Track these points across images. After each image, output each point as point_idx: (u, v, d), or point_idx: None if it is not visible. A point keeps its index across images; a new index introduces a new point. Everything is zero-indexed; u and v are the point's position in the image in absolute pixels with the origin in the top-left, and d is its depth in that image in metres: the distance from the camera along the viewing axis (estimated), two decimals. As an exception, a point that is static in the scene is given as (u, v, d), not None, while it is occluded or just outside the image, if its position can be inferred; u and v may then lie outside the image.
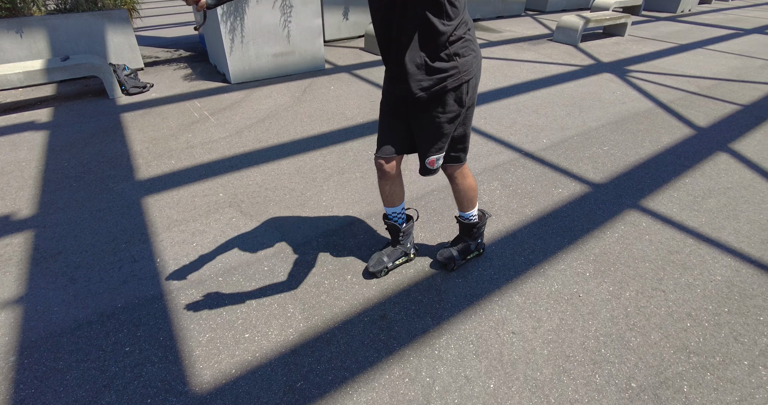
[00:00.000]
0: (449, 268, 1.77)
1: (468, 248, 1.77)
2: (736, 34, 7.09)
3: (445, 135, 1.35)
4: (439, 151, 1.39)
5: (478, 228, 1.73)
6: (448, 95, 1.27)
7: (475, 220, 1.71)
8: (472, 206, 1.66)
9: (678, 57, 5.41)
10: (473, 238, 1.76)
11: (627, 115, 3.48)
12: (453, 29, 1.17)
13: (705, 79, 4.53)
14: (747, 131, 3.23)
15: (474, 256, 1.83)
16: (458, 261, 1.75)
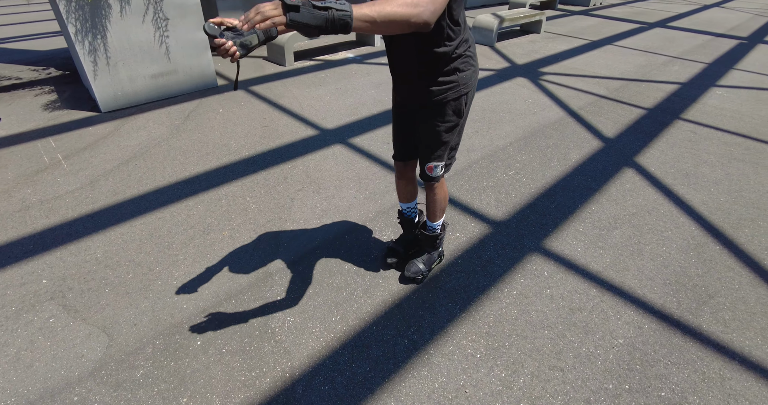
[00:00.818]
0: (418, 281, 1.82)
1: (432, 258, 1.85)
2: (641, 29, 7.32)
3: (445, 143, 1.44)
4: (439, 159, 1.47)
5: (440, 239, 1.81)
6: (447, 106, 1.35)
7: (438, 232, 1.77)
8: (440, 216, 1.73)
9: (590, 55, 5.41)
10: (436, 248, 1.83)
11: (537, 127, 3.32)
12: (455, 48, 1.25)
13: (614, 79, 4.52)
14: (651, 140, 3.17)
15: (437, 264, 1.90)
16: (425, 273, 1.82)
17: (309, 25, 0.81)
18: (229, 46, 0.81)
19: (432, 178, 1.52)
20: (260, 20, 0.80)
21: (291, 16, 0.80)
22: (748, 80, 4.68)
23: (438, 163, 1.47)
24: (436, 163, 1.47)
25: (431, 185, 1.58)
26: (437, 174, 1.50)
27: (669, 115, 3.65)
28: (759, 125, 3.53)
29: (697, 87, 4.39)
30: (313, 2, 0.82)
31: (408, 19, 0.89)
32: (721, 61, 5.41)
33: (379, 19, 0.86)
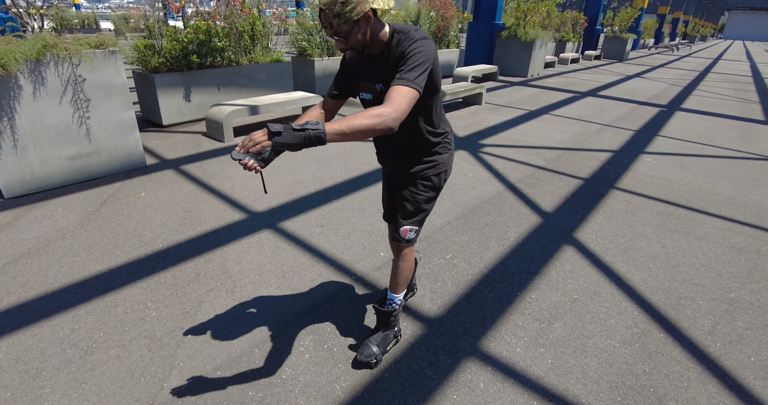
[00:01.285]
0: (372, 366, 1.71)
1: (387, 339, 1.77)
2: (575, 98, 7.90)
3: (423, 211, 1.59)
4: (414, 224, 1.59)
5: (395, 316, 1.76)
6: (427, 180, 1.54)
7: (394, 307, 1.74)
8: (402, 289, 1.73)
9: (528, 125, 5.67)
10: (391, 327, 1.78)
11: (476, 203, 3.26)
12: (435, 137, 1.49)
13: (551, 149, 4.68)
14: (589, 213, 3.17)
15: (393, 345, 1.82)
16: (379, 356, 1.72)
17: (291, 144, 1.02)
18: (252, 165, 1.06)
19: (406, 240, 1.61)
20: (252, 146, 1.02)
21: (275, 139, 1.01)
22: (671, 146, 4.99)
23: (413, 227, 1.59)
24: (411, 227, 1.59)
25: (401, 251, 1.64)
26: (411, 237, 1.61)
27: (604, 184, 3.73)
28: (686, 192, 3.65)
29: (628, 154, 4.60)
30: (293, 126, 1.02)
31: (373, 128, 1.07)
32: (647, 128, 5.80)
33: (348, 131, 1.05)
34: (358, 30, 1.22)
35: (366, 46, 1.29)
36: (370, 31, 1.26)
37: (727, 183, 3.91)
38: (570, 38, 16.03)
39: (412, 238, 1.61)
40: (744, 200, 3.54)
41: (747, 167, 4.40)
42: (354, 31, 1.22)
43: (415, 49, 1.21)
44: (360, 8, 1.17)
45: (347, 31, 1.22)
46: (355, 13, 1.18)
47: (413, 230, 1.59)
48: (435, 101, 1.42)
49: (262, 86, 5.92)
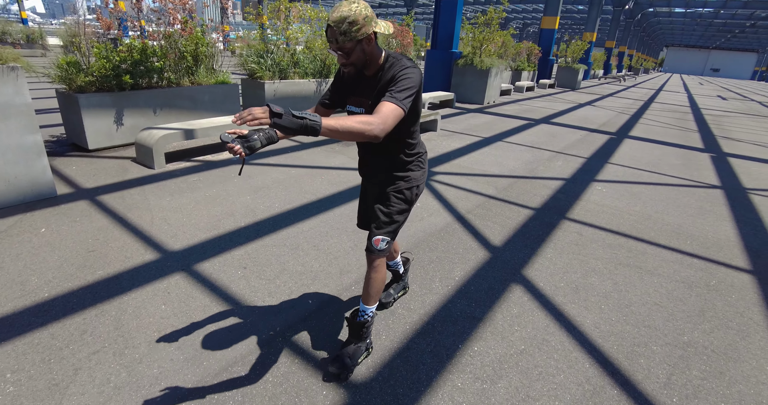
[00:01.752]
0: (343, 378, 1.70)
1: (359, 351, 1.77)
2: (529, 125, 8.03)
3: (396, 222, 1.67)
4: (387, 234, 1.65)
5: (367, 328, 1.77)
6: (400, 193, 1.66)
7: (366, 319, 1.76)
8: (374, 302, 1.76)
9: (481, 152, 5.61)
10: (363, 339, 1.78)
11: (422, 237, 3.04)
12: (410, 157, 1.64)
13: (503, 177, 4.59)
14: (539, 246, 3.02)
15: (365, 358, 1.81)
16: (351, 368, 1.71)
17: (287, 128, 1.09)
18: (237, 149, 1.13)
19: (378, 250, 1.65)
20: (251, 119, 1.05)
21: (275, 120, 1.07)
22: (621, 174, 5.03)
23: (385, 237, 1.65)
24: (384, 238, 1.65)
25: (373, 261, 1.68)
26: (382, 247, 1.65)
27: (556, 214, 3.62)
28: (636, 221, 3.59)
29: (580, 182, 4.57)
30: (292, 112, 1.09)
31: (362, 132, 1.19)
32: (598, 156, 5.88)
33: (341, 129, 1.16)
34: (360, 49, 1.37)
35: (364, 65, 1.43)
36: (370, 51, 1.41)
37: (674, 211, 3.91)
38: (525, 67, 16.71)
39: (383, 249, 1.65)
40: (690, 230, 3.51)
41: (691, 195, 4.46)
42: (356, 50, 1.37)
43: (406, 74, 1.37)
44: (364, 30, 1.33)
45: (350, 49, 1.35)
46: (359, 34, 1.33)
47: (385, 241, 1.65)
48: (414, 124, 1.58)
49: (206, 109, 5.59)
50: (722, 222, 3.75)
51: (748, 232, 3.56)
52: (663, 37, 69.92)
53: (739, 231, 3.58)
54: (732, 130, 9.70)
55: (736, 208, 4.14)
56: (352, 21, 1.30)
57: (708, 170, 5.62)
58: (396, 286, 2.25)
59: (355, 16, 1.30)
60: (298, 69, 7.03)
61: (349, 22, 1.30)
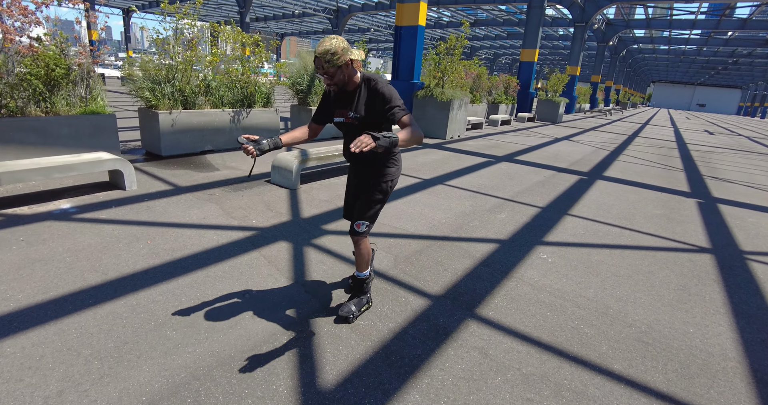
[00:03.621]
0: (350, 321, 2.17)
1: (362, 302, 2.26)
2: (488, 163, 6.94)
3: (374, 210, 2.09)
4: (366, 219, 2.08)
5: (367, 283, 2.28)
6: (379, 185, 2.05)
7: (365, 277, 2.26)
8: (365, 268, 2.24)
9: (409, 200, 4.45)
10: (364, 293, 2.28)
11: (226, 356, 1.80)
12: (387, 155, 2.02)
13: (417, 239, 3.40)
14: (403, 384, 1.77)
15: (366, 309, 2.28)
16: (356, 313, 2.20)
17: (384, 146, 1.57)
18: (250, 149, 1.73)
19: (358, 233, 2.10)
20: (364, 146, 1.51)
21: (378, 142, 1.55)
22: (581, 232, 3.85)
23: (364, 222, 2.08)
24: (363, 222, 2.08)
25: (358, 241, 2.14)
26: (362, 230, 2.10)
27: (460, 308, 2.40)
28: (584, 320, 2.37)
29: (519, 246, 3.38)
30: (384, 134, 1.58)
31: (419, 139, 1.81)
32: (557, 204, 4.73)
33: (407, 140, 1.75)
34: (340, 72, 1.83)
35: (345, 83, 1.90)
36: (348, 74, 1.86)
37: (645, 298, 2.70)
38: (503, 100, 15.97)
39: (363, 231, 2.10)
40: (666, 336, 2.30)
41: (671, 265, 3.27)
42: (338, 73, 1.83)
43: (391, 90, 1.89)
44: (343, 58, 1.79)
45: (333, 73, 1.82)
46: (339, 61, 1.79)
47: (365, 224, 2.09)
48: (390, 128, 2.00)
49: (65, 144, 4.46)
50: (714, 318, 2.54)
51: (753, 339, 2.34)
52: (649, 72, 71.36)
53: (740, 336, 2.36)
54: (721, 168, 8.67)
55: (732, 290, 2.94)
56: (333, 52, 1.76)
57: (694, 223, 4.47)
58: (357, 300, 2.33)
59: (334, 48, 1.77)
60: (211, 97, 5.99)
61: (331, 53, 1.76)
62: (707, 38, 31.10)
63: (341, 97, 1.98)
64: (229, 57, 6.25)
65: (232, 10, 32.05)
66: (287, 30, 46.23)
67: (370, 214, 2.08)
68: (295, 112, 7.93)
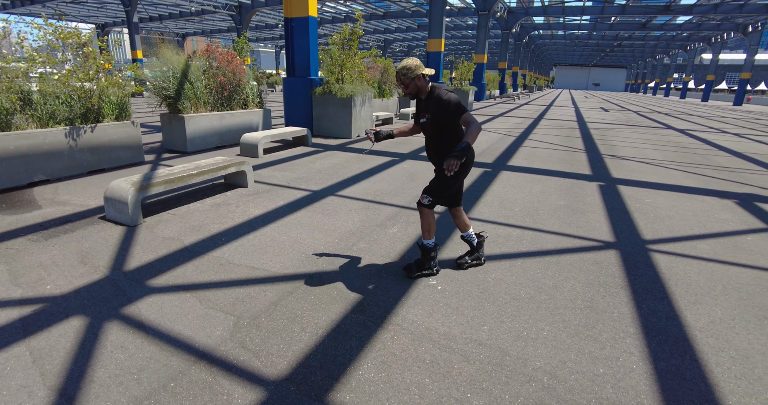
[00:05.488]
0: (411, 275, 2.68)
1: (423, 265, 2.68)
2: (392, 163, 6.38)
3: (439, 188, 2.56)
4: (431, 194, 2.56)
5: (429, 251, 2.66)
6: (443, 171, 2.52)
7: (430, 247, 2.65)
8: (428, 236, 2.63)
9: (289, 221, 3.69)
10: (427, 260, 2.67)
11: None
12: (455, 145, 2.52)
13: (283, 281, 2.66)
14: None
15: (426, 274, 2.70)
16: (415, 270, 2.67)
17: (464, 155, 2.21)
18: (371, 137, 2.68)
19: (421, 204, 2.57)
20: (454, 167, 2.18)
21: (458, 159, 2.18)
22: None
23: (428, 195, 2.55)
24: (426, 196, 2.55)
25: (422, 211, 2.59)
26: (425, 202, 2.55)
27: (306, 399, 1.72)
28: (476, 379, 1.80)
29: (403, 281, 2.79)
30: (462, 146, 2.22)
31: (480, 128, 2.32)
32: (458, 207, 4.24)
33: (473, 136, 2.28)
34: (413, 84, 2.43)
35: (417, 92, 2.48)
36: (420, 85, 2.45)
37: (548, 329, 2.22)
38: (413, 92, 15.67)
39: (425, 203, 2.56)
40: (572, 389, 1.81)
41: (576, 273, 2.88)
42: (411, 84, 2.43)
43: (450, 96, 2.40)
44: (415, 73, 2.38)
45: (408, 83, 2.42)
46: (412, 75, 2.39)
47: (428, 198, 2.55)
48: (457, 126, 2.49)
49: None
50: (625, 344, 2.11)
51: (667, 369, 1.93)
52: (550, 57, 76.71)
53: (653, 368, 1.94)
54: (617, 145, 8.96)
55: (640, 297, 2.59)
56: (408, 67, 2.38)
57: (597, 212, 4.23)
58: (471, 255, 2.87)
59: (409, 65, 2.39)
60: (35, 113, 4.73)
61: (407, 68, 2.39)
62: (595, 23, 33.69)
63: (420, 104, 2.57)
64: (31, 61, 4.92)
65: (118, 9, 28.65)
66: (188, 29, 42.64)
67: (435, 190, 2.56)
68: (165, 122, 6.77)
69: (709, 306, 2.51)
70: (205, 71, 7.28)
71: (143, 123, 10.48)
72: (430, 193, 2.55)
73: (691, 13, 26.64)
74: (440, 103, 2.40)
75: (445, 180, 2.52)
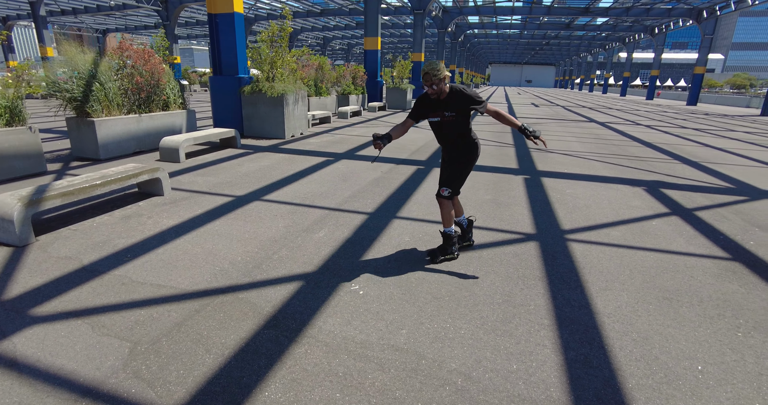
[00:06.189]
0: (434, 261, 2.92)
1: (446, 250, 2.94)
2: (326, 163, 6.22)
3: (455, 180, 2.87)
4: (449, 186, 2.86)
5: (451, 238, 2.92)
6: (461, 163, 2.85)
7: (451, 234, 2.92)
8: (449, 224, 2.90)
9: (206, 231, 3.45)
10: (449, 245, 2.93)
11: None
12: (473, 138, 2.86)
13: (191, 299, 2.45)
14: None
15: (449, 258, 2.96)
16: (438, 255, 2.93)
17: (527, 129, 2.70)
18: (378, 144, 2.62)
19: (443, 196, 2.85)
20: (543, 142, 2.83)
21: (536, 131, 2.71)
22: (407, 238, 3.33)
23: (448, 188, 2.85)
24: (446, 188, 2.85)
25: (442, 202, 2.87)
26: (446, 194, 2.84)
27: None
28: (389, 388, 1.74)
29: (329, 278, 2.68)
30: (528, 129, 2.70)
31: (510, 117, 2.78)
32: (387, 206, 4.20)
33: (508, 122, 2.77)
34: (441, 84, 2.60)
35: (440, 93, 2.65)
36: (442, 86, 2.62)
37: (466, 327, 2.21)
38: (352, 91, 15.58)
39: (446, 196, 2.84)
40: (485, 389, 1.81)
41: (497, 267, 2.93)
42: (439, 85, 2.59)
43: (474, 92, 2.70)
44: (443, 73, 2.56)
45: (437, 83, 2.59)
46: (441, 75, 2.56)
47: (447, 190, 2.84)
48: (471, 121, 2.84)
49: None
50: (539, 336, 2.16)
51: (576, 359, 1.99)
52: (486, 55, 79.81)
53: (564, 359, 1.99)
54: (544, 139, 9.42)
55: (556, 287, 2.68)
56: (438, 69, 2.54)
57: (521, 205, 4.37)
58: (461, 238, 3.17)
59: (439, 66, 2.55)
60: None
61: (436, 69, 2.54)
62: (525, 23, 35.46)
63: (437, 103, 2.71)
64: None
65: (22, 1, 25.80)
66: (109, 25, 39.40)
67: (454, 182, 2.85)
68: (73, 127, 6.13)
69: (617, 291, 2.65)
70: (118, 71, 6.69)
71: (49, 128, 9.48)
72: (449, 185, 2.83)
73: (607, 15, 28.81)
74: (465, 96, 2.67)
75: (462, 171, 2.83)
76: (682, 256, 3.23)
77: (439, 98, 2.69)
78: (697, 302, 2.55)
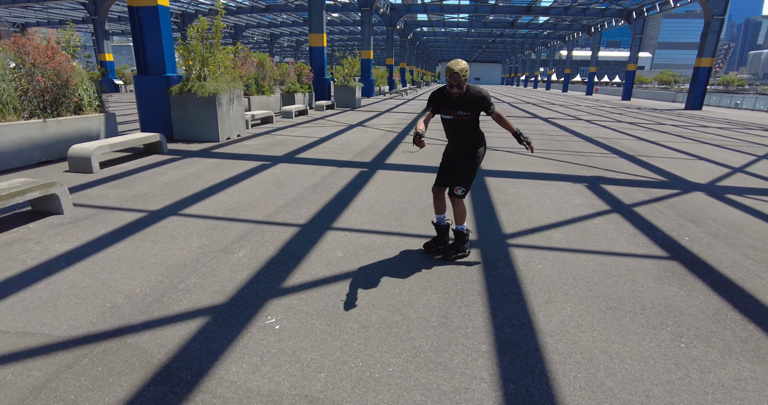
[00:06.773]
0: (451, 259, 2.98)
1: (458, 248, 3.01)
2: (261, 168, 5.76)
3: (469, 177, 2.91)
4: (463, 185, 2.90)
5: (464, 235, 3.00)
6: (473, 161, 2.92)
7: (463, 232, 2.99)
8: (463, 221, 2.97)
9: (103, 257, 2.94)
10: (462, 242, 3.00)
11: None
12: (482, 136, 2.97)
13: (65, 350, 1.99)
14: None
15: (461, 256, 3.02)
16: (451, 253, 2.98)
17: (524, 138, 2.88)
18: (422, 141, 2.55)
19: (458, 195, 2.88)
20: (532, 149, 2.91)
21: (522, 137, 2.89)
22: (340, 253, 3.01)
23: (462, 186, 2.88)
24: (460, 187, 2.88)
25: (455, 201, 2.92)
26: (460, 194, 2.88)
27: None
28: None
29: (240, 311, 2.31)
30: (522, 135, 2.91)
31: None
32: (322, 216, 3.86)
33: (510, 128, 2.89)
34: (463, 84, 2.67)
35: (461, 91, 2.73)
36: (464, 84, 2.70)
37: (395, 362, 1.93)
38: (297, 89, 15.01)
39: (460, 194, 2.88)
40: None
41: (434, 283, 2.68)
42: (462, 84, 2.67)
43: (487, 93, 2.80)
44: (467, 74, 2.63)
45: (462, 83, 2.67)
46: (466, 75, 2.64)
47: (461, 189, 2.87)
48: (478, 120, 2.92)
49: None
50: (476, 367, 1.91)
51: (516, 393, 1.75)
52: (435, 53, 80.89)
53: (502, 394, 1.75)
54: (489, 137, 9.42)
55: (496, 303, 2.46)
56: (466, 70, 2.62)
57: (465, 208, 4.17)
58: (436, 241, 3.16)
59: (466, 67, 2.63)
60: None
61: (465, 70, 2.62)
62: (471, 21, 36.10)
63: (452, 102, 2.80)
64: None
65: None
66: (28, 18, 35.87)
67: (467, 181, 2.91)
68: (-43, 135, 5.26)
69: (560, 303, 2.48)
70: (14, 69, 5.85)
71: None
72: (463, 184, 2.88)
73: (548, 14, 29.90)
74: (481, 98, 2.76)
75: (473, 169, 2.91)
76: (623, 257, 3.15)
77: (452, 95, 2.76)
78: (639, 310, 2.42)
